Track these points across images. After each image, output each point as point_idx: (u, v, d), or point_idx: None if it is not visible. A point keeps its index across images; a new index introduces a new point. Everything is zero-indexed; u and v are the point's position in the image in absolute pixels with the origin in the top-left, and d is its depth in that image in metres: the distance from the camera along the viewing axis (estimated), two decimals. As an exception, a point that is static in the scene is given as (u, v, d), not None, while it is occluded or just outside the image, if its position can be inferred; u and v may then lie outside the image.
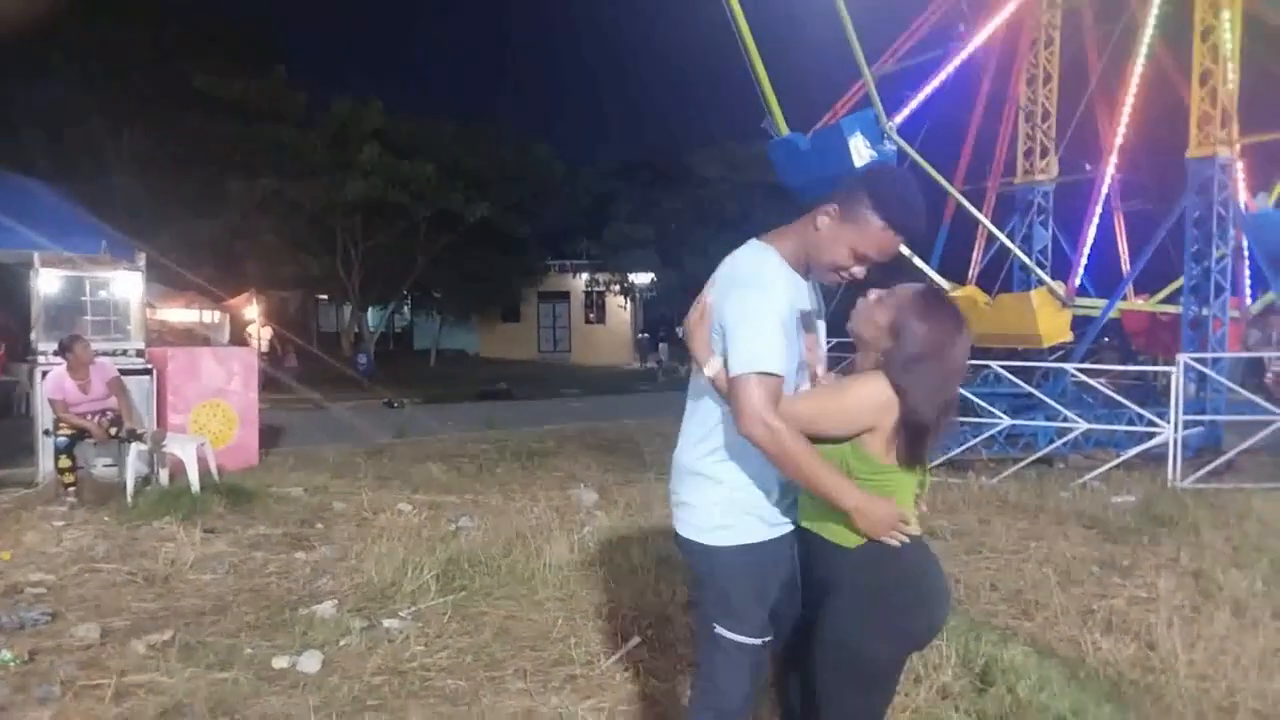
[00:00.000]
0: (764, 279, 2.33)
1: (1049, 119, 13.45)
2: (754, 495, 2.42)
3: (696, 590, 2.57)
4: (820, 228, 2.34)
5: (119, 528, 6.81)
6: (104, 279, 9.53)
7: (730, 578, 2.42)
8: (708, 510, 2.44)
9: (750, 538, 2.41)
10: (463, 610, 4.94)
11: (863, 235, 2.28)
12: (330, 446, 11.22)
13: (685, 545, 2.51)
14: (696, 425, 2.49)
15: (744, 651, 2.42)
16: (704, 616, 2.48)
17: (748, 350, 2.22)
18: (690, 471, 2.48)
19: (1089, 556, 6.21)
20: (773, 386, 2.21)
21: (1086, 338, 12.04)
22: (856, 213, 2.28)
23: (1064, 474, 9.46)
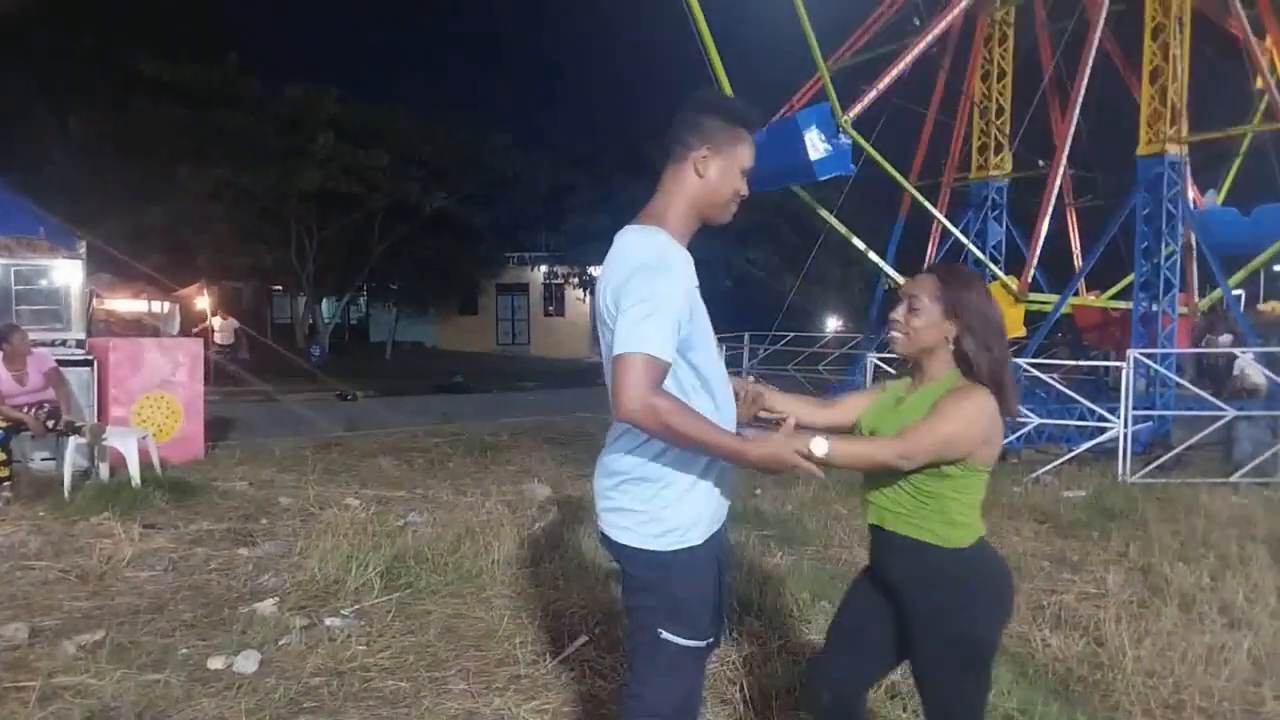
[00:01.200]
0: (665, 262, 2.18)
1: (1003, 115, 13.57)
2: (703, 494, 2.31)
3: (637, 597, 2.39)
4: (705, 172, 2.28)
5: (55, 523, 6.60)
6: (43, 267, 9.25)
7: (682, 582, 2.30)
8: (657, 514, 2.27)
9: (699, 538, 2.30)
10: (407, 608, 4.83)
11: (740, 152, 2.28)
12: (279, 440, 10.98)
13: (628, 553, 2.33)
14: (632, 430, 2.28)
15: (689, 655, 2.32)
16: (645, 624, 2.34)
17: (639, 330, 2.08)
18: (631, 475, 2.30)
19: (1040, 551, 6.25)
20: (658, 371, 2.09)
21: (1039, 333, 12.17)
22: (724, 137, 2.27)
23: (1016, 469, 9.54)
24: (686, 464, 2.27)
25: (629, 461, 2.30)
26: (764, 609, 4.61)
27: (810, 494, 7.92)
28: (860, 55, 12.82)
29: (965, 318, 2.35)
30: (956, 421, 2.27)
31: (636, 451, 2.29)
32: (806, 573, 5.26)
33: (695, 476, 2.28)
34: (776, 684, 3.72)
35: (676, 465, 2.27)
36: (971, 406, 2.30)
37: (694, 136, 2.27)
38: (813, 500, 7.70)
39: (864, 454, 2.34)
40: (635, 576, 2.36)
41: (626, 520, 2.32)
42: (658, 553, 2.28)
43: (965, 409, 2.29)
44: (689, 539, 2.28)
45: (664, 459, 2.26)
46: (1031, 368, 10.35)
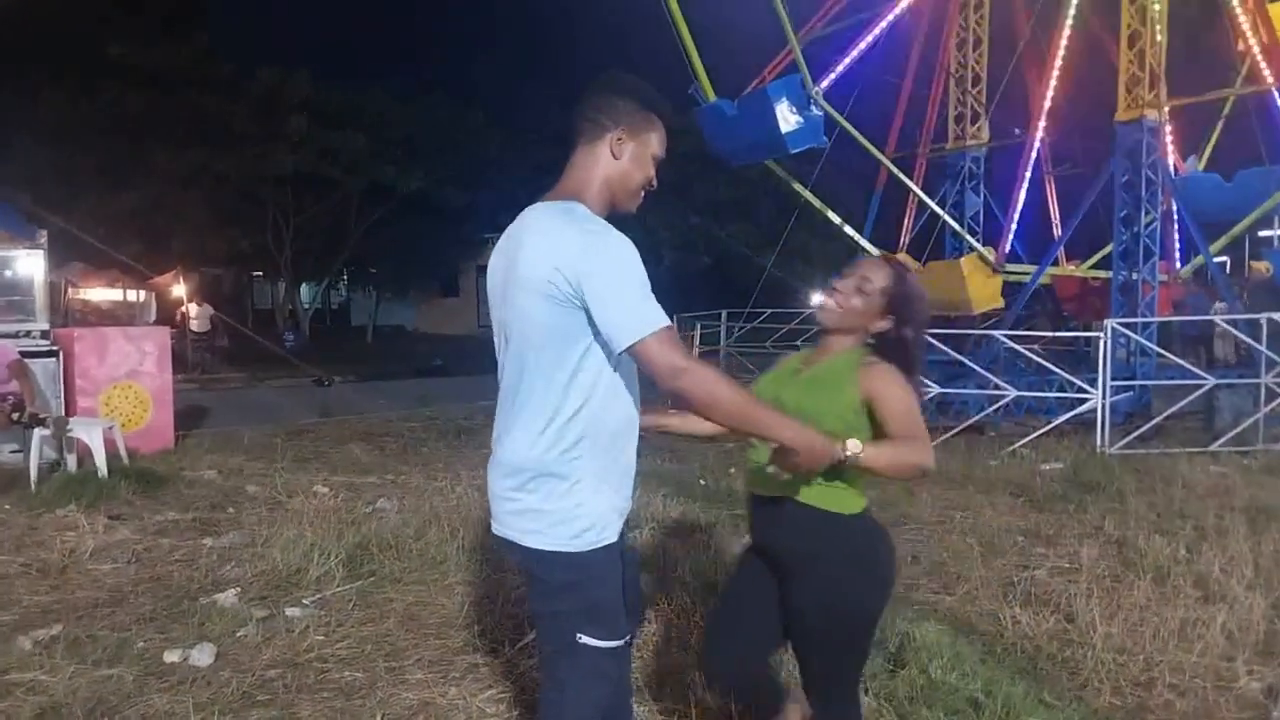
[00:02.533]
0: (617, 236, 2.06)
1: (979, 84, 13.43)
2: (614, 489, 2.20)
3: (550, 603, 2.26)
4: (621, 154, 2.20)
5: (19, 516, 6.50)
6: (4, 258, 9.08)
7: (601, 583, 2.18)
8: (571, 514, 2.13)
9: (612, 536, 2.19)
10: (368, 597, 4.75)
11: (653, 140, 2.24)
12: (250, 427, 10.85)
13: (541, 557, 2.18)
14: (539, 416, 2.13)
15: (611, 656, 2.22)
16: (561, 630, 2.22)
17: (641, 312, 1.98)
18: (542, 472, 2.13)
19: (1014, 526, 6.20)
20: (672, 336, 2.01)
21: (1017, 304, 12.12)
22: (639, 122, 2.21)
23: (994, 442, 9.50)
24: (596, 457, 2.15)
25: (532, 457, 2.14)
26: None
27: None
28: (832, 25, 12.66)
29: (907, 314, 2.44)
30: (910, 395, 2.36)
31: (540, 445, 2.13)
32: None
33: (606, 469, 2.17)
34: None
35: (587, 459, 2.13)
36: (904, 383, 2.37)
37: (608, 117, 2.19)
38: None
39: (898, 457, 2.27)
40: (548, 581, 2.22)
41: (537, 523, 2.16)
42: (574, 554, 2.14)
43: (905, 388, 2.37)
44: (605, 537, 2.16)
45: (573, 452, 2.12)
46: (1009, 339, 10.29)
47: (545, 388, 2.11)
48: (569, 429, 2.11)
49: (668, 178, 9.99)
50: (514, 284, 2.12)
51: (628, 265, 2.02)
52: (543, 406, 2.12)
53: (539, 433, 2.12)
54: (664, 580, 4.71)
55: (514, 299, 2.13)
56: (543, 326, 2.08)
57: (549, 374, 2.10)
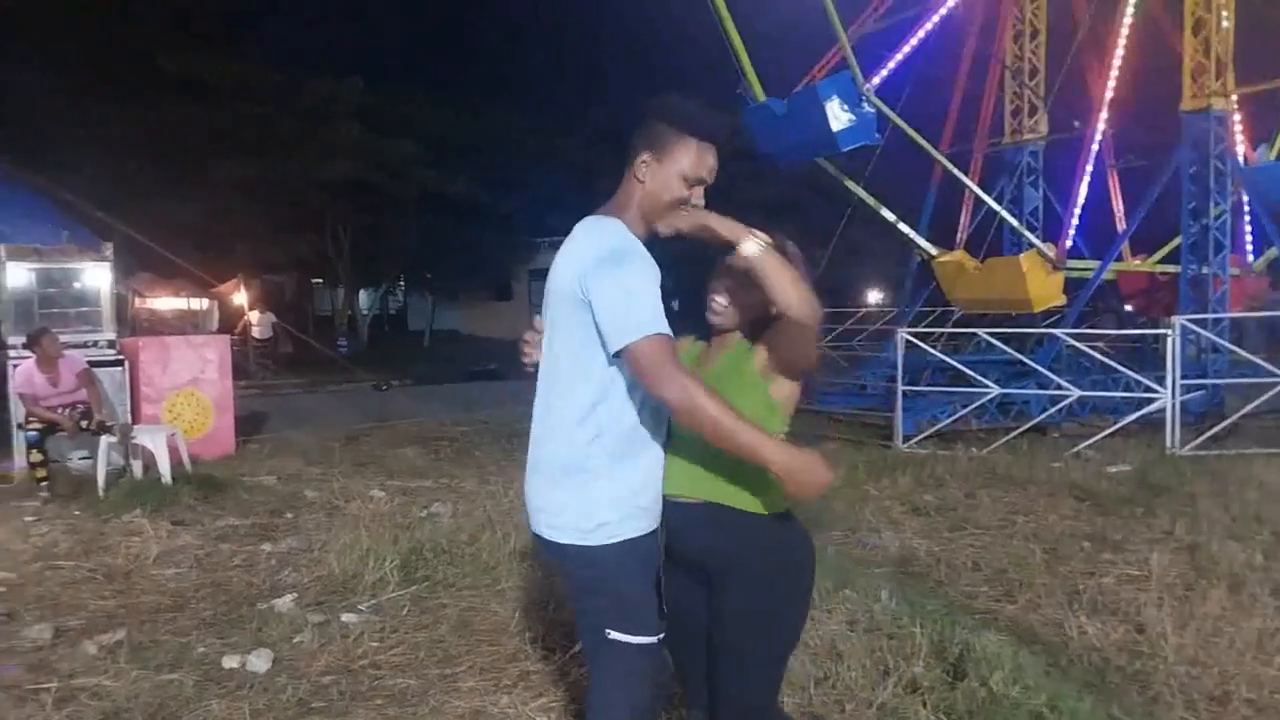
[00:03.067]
0: (634, 249, 2.17)
1: (1037, 75, 13.10)
2: (642, 486, 2.23)
3: (582, 600, 2.31)
4: (645, 177, 2.25)
5: (88, 522, 6.70)
6: (72, 270, 9.35)
7: (624, 578, 2.21)
8: (593, 509, 2.18)
9: (638, 531, 2.22)
10: (422, 602, 4.78)
11: (682, 159, 2.23)
12: (309, 433, 11.03)
13: (565, 552, 2.24)
14: (566, 414, 2.21)
15: (643, 654, 2.24)
16: (594, 627, 2.25)
17: (635, 318, 2.05)
18: (568, 468, 2.20)
19: (1079, 531, 6.02)
20: (669, 345, 2.07)
21: (1080, 301, 11.80)
22: (668, 144, 2.23)
23: (1057, 443, 9.26)
24: (624, 455, 2.20)
25: (556, 453, 2.23)
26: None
27: (839, 476, 7.73)
28: (883, 21, 12.45)
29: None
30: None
31: (561, 441, 2.21)
32: (830, 559, 5.10)
33: (624, 466, 2.21)
34: (794, 680, 3.58)
35: (613, 456, 2.19)
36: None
37: (641, 141, 2.26)
38: (842, 483, 7.51)
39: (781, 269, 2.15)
40: (573, 576, 2.32)
41: (558, 517, 2.23)
42: (592, 548, 2.19)
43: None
44: (623, 532, 2.19)
45: (597, 447, 2.18)
46: (1071, 338, 10.02)
47: (568, 387, 2.21)
48: (586, 425, 2.18)
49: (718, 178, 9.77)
50: (552, 290, 2.26)
51: (632, 275, 2.10)
52: (566, 404, 2.21)
53: (562, 429, 2.21)
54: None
55: (551, 303, 2.26)
56: (567, 329, 2.20)
57: (571, 373, 2.21)
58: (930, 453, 8.81)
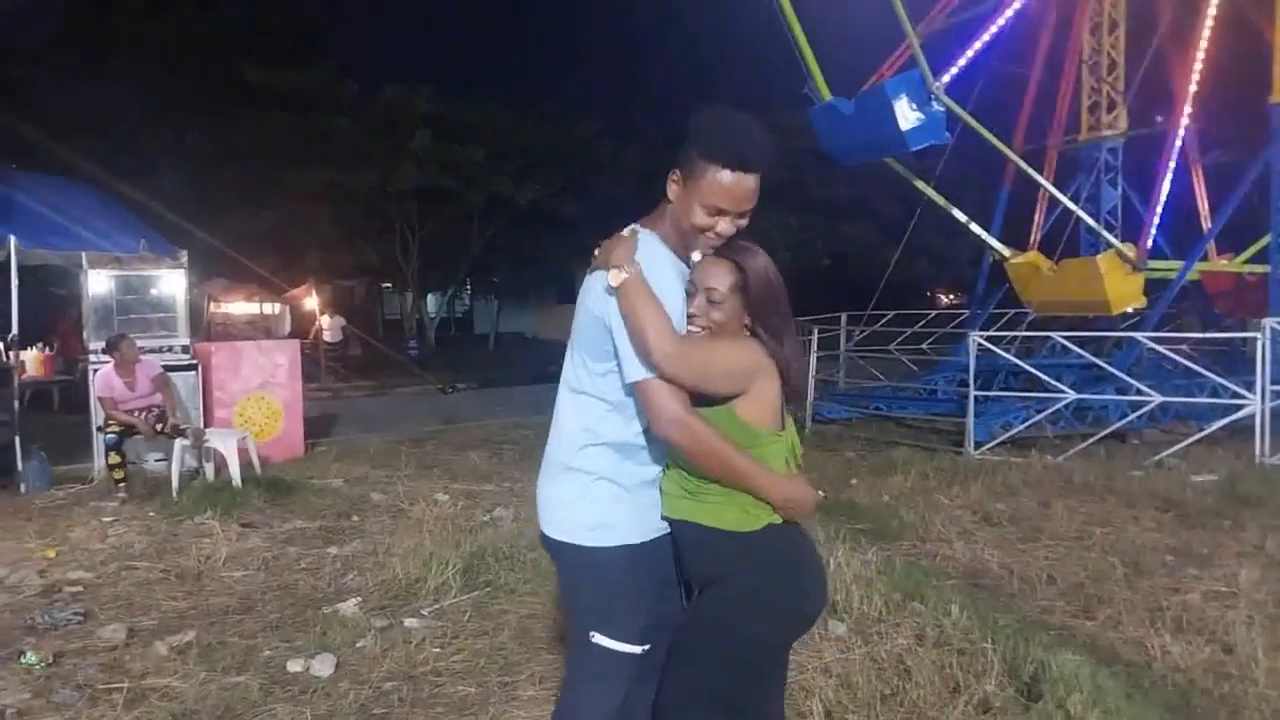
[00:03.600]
0: (652, 268, 2.11)
1: (1116, 70, 12.65)
2: (640, 492, 2.21)
3: (571, 597, 2.32)
4: (673, 197, 2.18)
5: (162, 523, 6.87)
6: (150, 277, 9.60)
7: (613, 581, 2.19)
8: (586, 507, 2.20)
9: (633, 537, 2.20)
10: (484, 608, 4.77)
11: (707, 187, 2.10)
12: (376, 435, 11.20)
13: (556, 547, 2.27)
14: (573, 419, 2.24)
15: (621, 661, 2.21)
16: (579, 625, 2.25)
17: (644, 355, 2.04)
18: (565, 466, 2.24)
19: (1162, 544, 5.77)
20: (673, 387, 2.06)
21: (1162, 302, 11.37)
22: (693, 167, 2.11)
23: (1137, 451, 8.93)
24: (623, 459, 2.21)
25: (564, 450, 2.25)
26: (850, 611, 4.36)
27: (909, 484, 7.55)
28: (953, 17, 12.16)
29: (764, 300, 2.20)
30: (724, 351, 2.15)
31: (573, 440, 2.23)
32: (899, 571, 4.96)
33: (632, 471, 2.21)
34: (860, 696, 3.47)
35: (610, 458, 2.20)
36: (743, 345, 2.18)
37: (680, 155, 2.16)
38: (911, 490, 7.35)
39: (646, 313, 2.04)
40: (564, 573, 2.31)
41: (554, 513, 2.26)
42: (586, 548, 2.20)
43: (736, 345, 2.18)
44: (620, 537, 2.19)
45: (595, 449, 2.20)
46: (1152, 342, 9.64)
47: (580, 394, 2.23)
48: (594, 427, 2.20)
49: (779, 176, 9.84)
50: (580, 297, 2.24)
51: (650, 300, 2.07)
52: (579, 409, 2.23)
53: (570, 433, 2.24)
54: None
55: (578, 308, 2.24)
56: (586, 339, 2.20)
57: (583, 378, 2.22)
58: (1003, 460, 8.56)
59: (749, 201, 2.13)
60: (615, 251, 2.12)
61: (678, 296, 2.13)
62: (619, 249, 2.12)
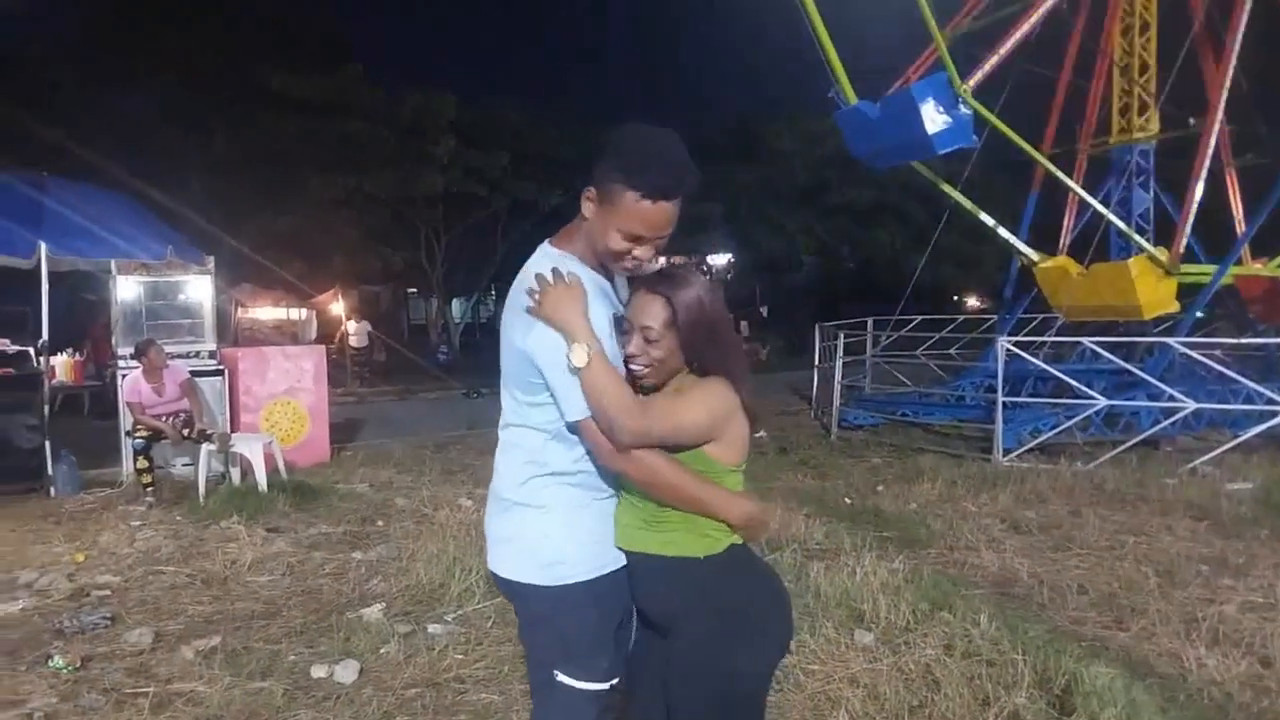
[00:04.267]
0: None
1: (1147, 72, 12.47)
2: (594, 522, 2.11)
3: (529, 634, 2.21)
4: (587, 215, 2.04)
5: (189, 527, 6.92)
6: (178, 283, 9.69)
7: (572, 619, 2.09)
8: (538, 544, 2.09)
9: (592, 571, 2.09)
10: (507, 614, 4.73)
11: (624, 213, 1.97)
12: (401, 440, 11.23)
13: (511, 587, 2.15)
14: (517, 453, 2.13)
15: (588, 700, 2.10)
16: (540, 663, 2.15)
17: (576, 394, 1.96)
18: (513, 502, 2.12)
19: (1196, 554, 5.66)
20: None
21: (1194, 307, 11.18)
22: (609, 189, 1.97)
23: (1170, 458, 8.78)
24: (573, 490, 2.10)
25: (508, 486, 2.15)
26: (876, 620, 4.30)
27: (936, 491, 7.47)
28: (980, 20, 12.04)
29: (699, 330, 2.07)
30: (693, 409, 2.04)
31: (517, 475, 2.12)
32: (927, 580, 4.89)
33: (586, 503, 2.11)
34: (888, 707, 3.42)
35: (560, 490, 2.10)
36: (713, 395, 2.06)
37: (594, 170, 2.01)
38: (939, 498, 7.26)
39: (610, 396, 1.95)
40: (522, 613, 2.21)
41: (505, 551, 2.16)
42: (543, 587, 2.09)
43: (706, 397, 2.06)
44: (578, 573, 2.08)
45: (543, 482, 2.09)
46: (1185, 347, 9.49)
47: (519, 423, 2.13)
48: (538, 459, 2.09)
49: (804, 180, 9.74)
50: (503, 332, 2.12)
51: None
52: (519, 439, 2.13)
53: (515, 464, 2.13)
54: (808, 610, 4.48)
55: (502, 345, 2.12)
56: (511, 368, 2.10)
57: (519, 410, 2.12)
58: (1032, 467, 8.45)
59: (668, 228, 2.02)
60: (564, 310, 1.97)
61: (604, 326, 2.03)
62: (566, 305, 1.98)
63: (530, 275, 2.05)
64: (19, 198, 8.85)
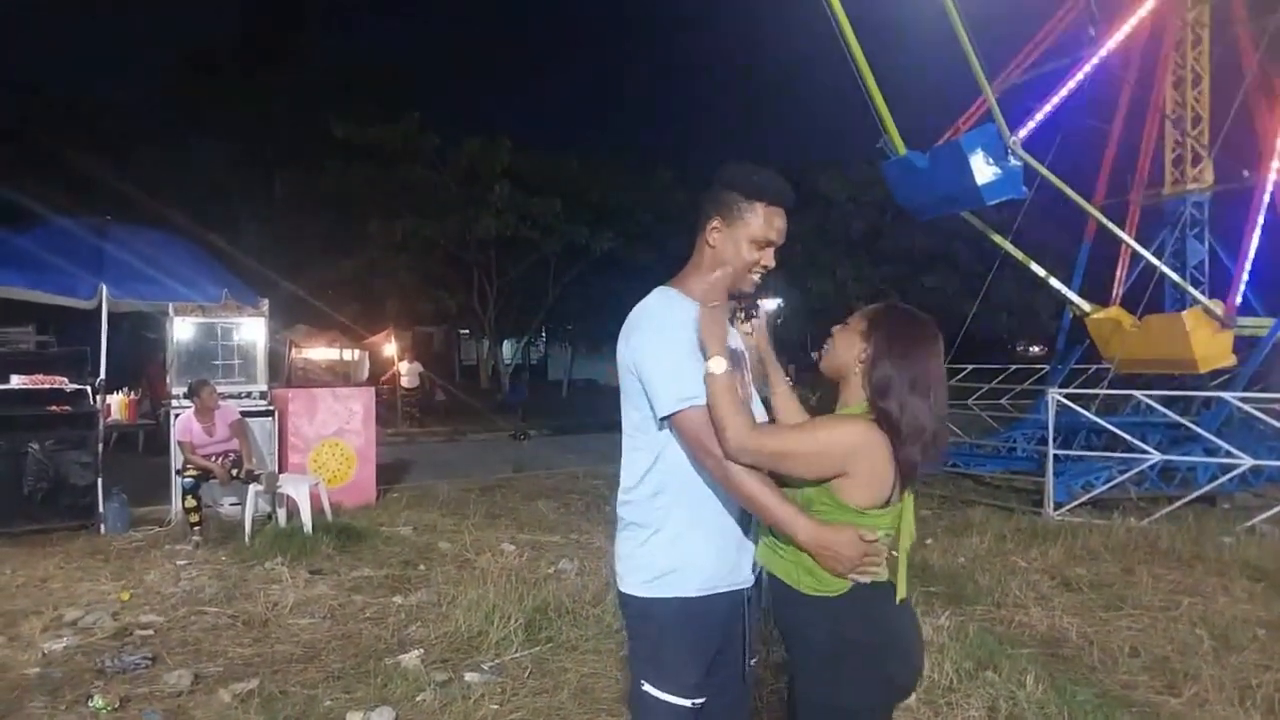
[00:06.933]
0: (666, 318, 2.30)
1: (1200, 123, 12.32)
2: (696, 544, 2.28)
3: (629, 646, 2.41)
4: (716, 243, 2.36)
5: (233, 567, 6.98)
6: (233, 324, 9.92)
7: (667, 633, 2.26)
8: (642, 560, 2.31)
9: (688, 590, 2.26)
10: (544, 665, 4.73)
11: (754, 224, 2.33)
12: (447, 482, 11.29)
13: (621, 600, 2.38)
14: (630, 472, 2.37)
15: (671, 713, 2.25)
16: (633, 674, 2.34)
17: (671, 388, 2.18)
18: (626, 521, 2.38)
19: (1253, 617, 5.46)
20: (705, 414, 2.17)
21: (1253, 360, 10.91)
22: (736, 210, 2.33)
23: (1228, 515, 8.52)
24: (680, 512, 2.28)
25: (624, 506, 2.38)
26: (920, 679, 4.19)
27: (985, 545, 7.31)
28: (1030, 72, 12.01)
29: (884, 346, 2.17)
30: (812, 437, 2.14)
31: (629, 496, 2.35)
32: (972, 637, 4.78)
33: (689, 525, 2.27)
34: (926, 773, 3.33)
35: (665, 511, 2.28)
36: (844, 429, 2.14)
37: (711, 207, 2.37)
38: (987, 552, 7.10)
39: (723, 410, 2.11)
40: (628, 624, 2.39)
41: (622, 566, 2.37)
42: (642, 599, 2.29)
43: (834, 428, 2.15)
44: (677, 588, 2.25)
45: (653, 503, 2.29)
46: (1243, 402, 9.24)
47: (630, 445, 2.38)
48: (648, 480, 2.30)
49: (857, 227, 9.72)
50: (619, 357, 2.38)
51: (659, 347, 2.23)
52: (630, 462, 2.37)
53: (628, 486, 2.37)
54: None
55: (620, 371, 2.38)
56: (626, 394, 2.36)
57: (631, 438, 2.37)
58: (1084, 522, 8.24)
59: (784, 235, 2.36)
60: (710, 328, 2.22)
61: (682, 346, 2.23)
62: (711, 327, 2.23)
63: (647, 312, 2.34)
64: (82, 242, 9.15)
